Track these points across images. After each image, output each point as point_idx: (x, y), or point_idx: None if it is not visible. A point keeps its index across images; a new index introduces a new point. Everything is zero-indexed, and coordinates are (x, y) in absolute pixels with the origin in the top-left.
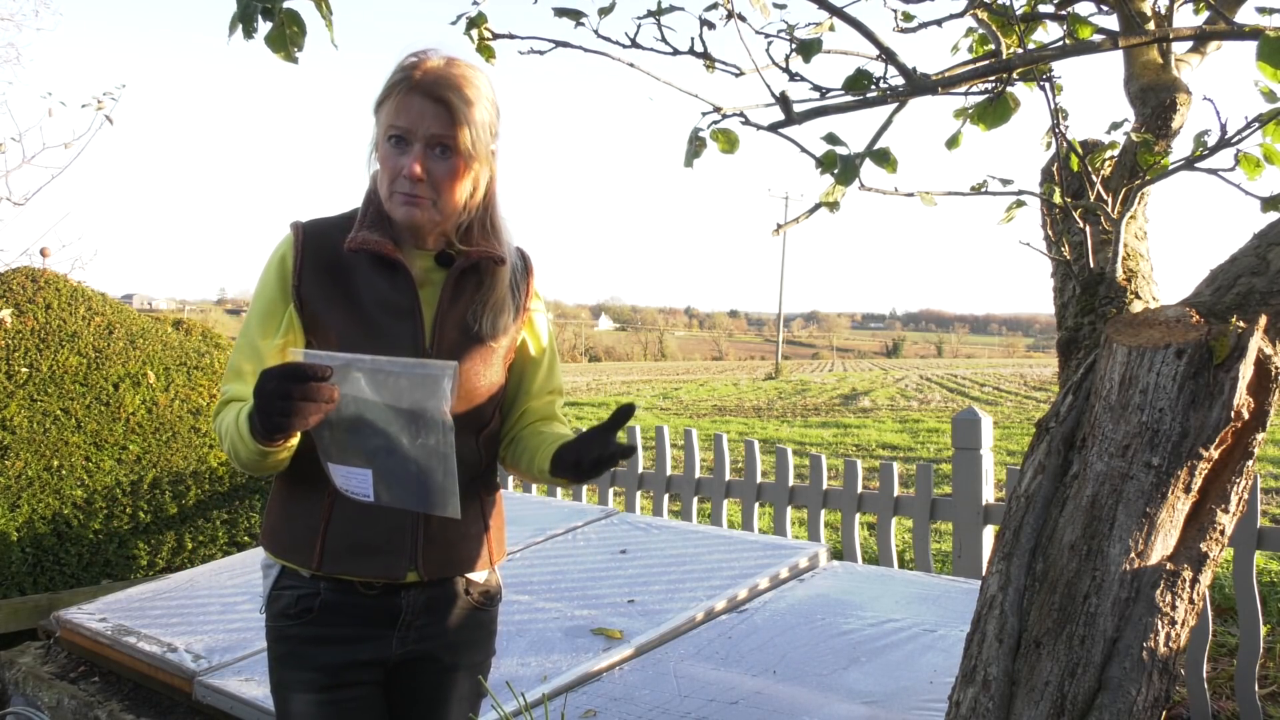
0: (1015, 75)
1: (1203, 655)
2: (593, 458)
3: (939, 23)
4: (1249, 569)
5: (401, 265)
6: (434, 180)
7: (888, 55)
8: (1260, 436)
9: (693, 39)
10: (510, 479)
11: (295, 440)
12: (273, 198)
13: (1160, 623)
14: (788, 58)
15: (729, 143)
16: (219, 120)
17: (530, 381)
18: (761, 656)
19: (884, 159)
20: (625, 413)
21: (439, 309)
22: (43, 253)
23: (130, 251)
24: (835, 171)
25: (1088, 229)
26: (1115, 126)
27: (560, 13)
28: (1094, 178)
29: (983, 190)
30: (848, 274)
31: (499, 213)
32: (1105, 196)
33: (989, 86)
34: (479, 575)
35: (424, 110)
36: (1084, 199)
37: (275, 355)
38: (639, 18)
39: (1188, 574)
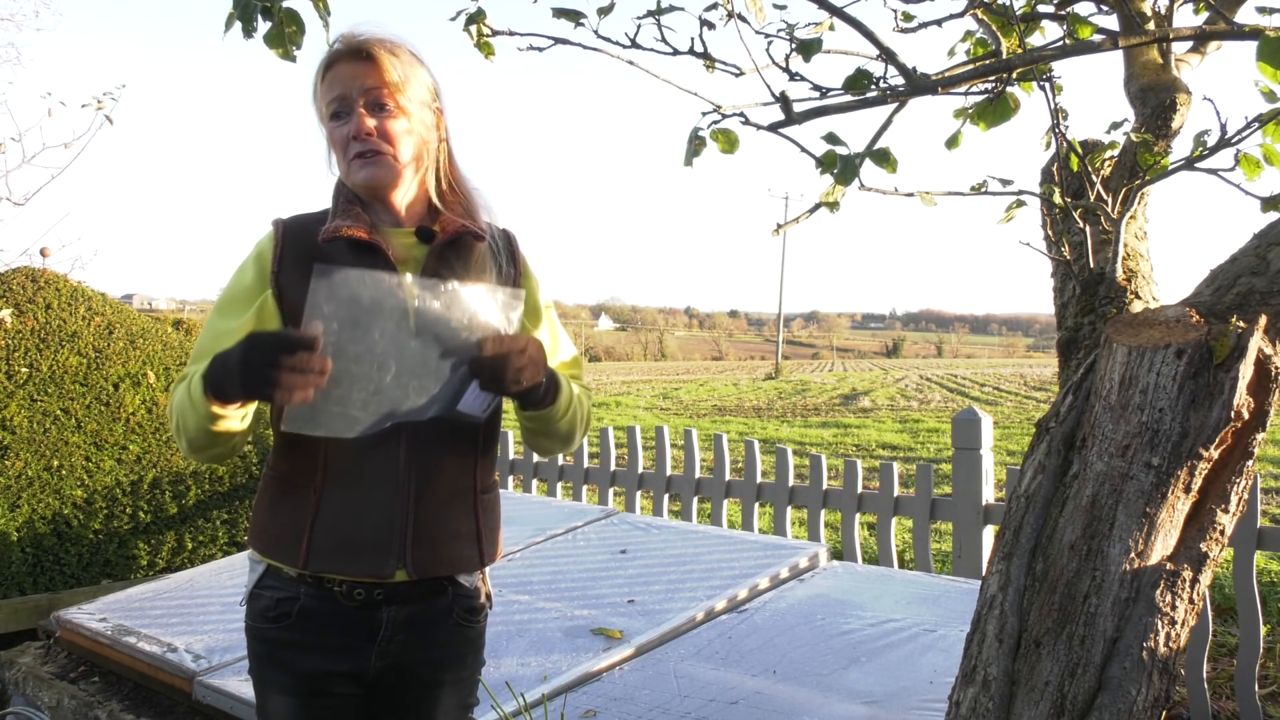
0: (1015, 75)
1: (1203, 655)
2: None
3: (939, 23)
4: (1249, 569)
5: (379, 248)
6: (384, 134)
7: (888, 55)
8: (1260, 436)
9: (692, 39)
10: (510, 479)
11: (250, 408)
12: (273, 198)
13: (1160, 623)
14: (788, 57)
15: (729, 142)
16: (219, 120)
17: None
18: (761, 656)
19: (884, 159)
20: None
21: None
22: (43, 253)
23: (130, 251)
24: (835, 171)
25: (1088, 229)
26: (1115, 126)
27: (559, 13)
28: (1094, 178)
29: (983, 190)
30: (848, 274)
31: (467, 185)
32: (1105, 196)
33: (989, 86)
34: (468, 579)
35: (353, 71)
36: (1084, 199)
37: (238, 335)
38: (639, 17)
39: (1188, 574)
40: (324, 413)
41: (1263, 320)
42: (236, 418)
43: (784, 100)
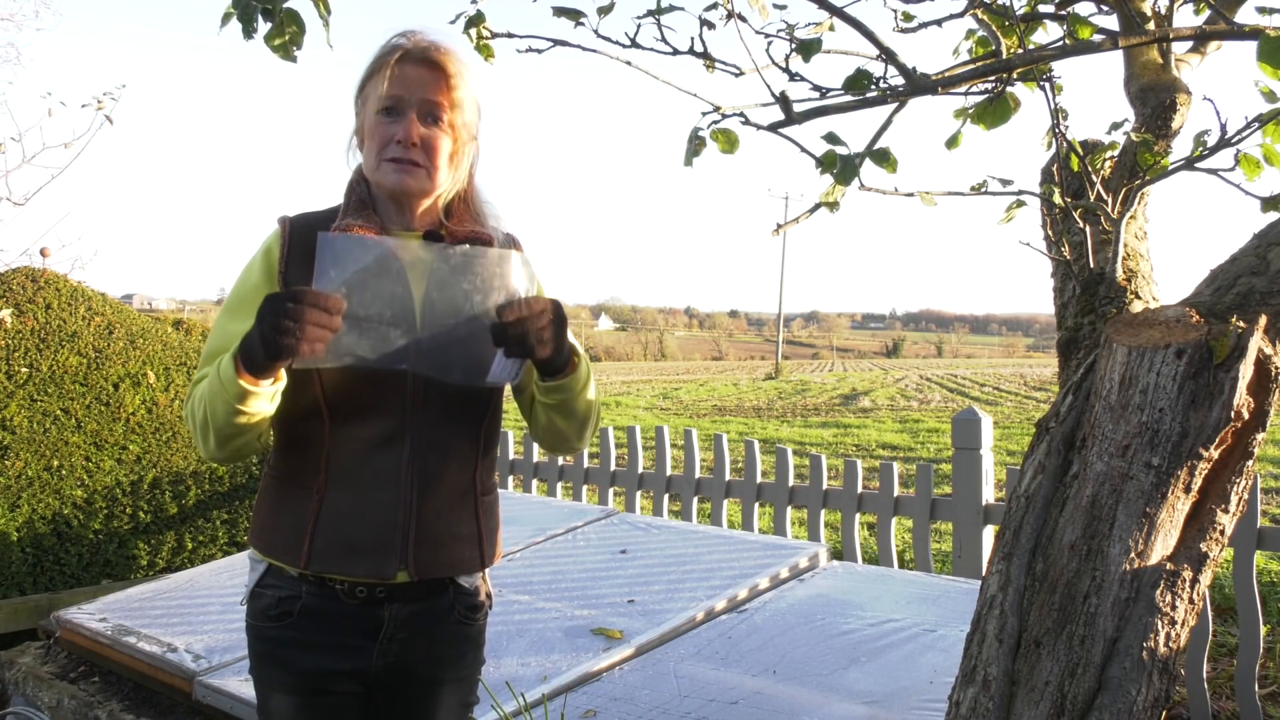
0: (1015, 75)
1: (1203, 655)
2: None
3: (939, 23)
4: (1249, 569)
5: None
6: (427, 147)
7: (888, 55)
8: (1260, 436)
9: (692, 39)
10: (510, 479)
11: (280, 385)
12: (273, 198)
13: (1160, 623)
14: (788, 58)
15: (729, 142)
16: (219, 120)
17: None
18: (761, 656)
19: (884, 159)
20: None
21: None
22: (43, 253)
23: (130, 251)
24: (835, 171)
25: (1088, 229)
26: (1115, 126)
27: (559, 12)
28: (1094, 178)
29: (983, 190)
30: (848, 274)
31: (481, 195)
32: (1105, 196)
33: (989, 86)
34: (469, 580)
35: (419, 77)
36: (1084, 199)
37: None
38: (639, 17)
39: (1188, 574)
40: (333, 353)
41: (1263, 320)
42: (266, 396)
43: (784, 100)
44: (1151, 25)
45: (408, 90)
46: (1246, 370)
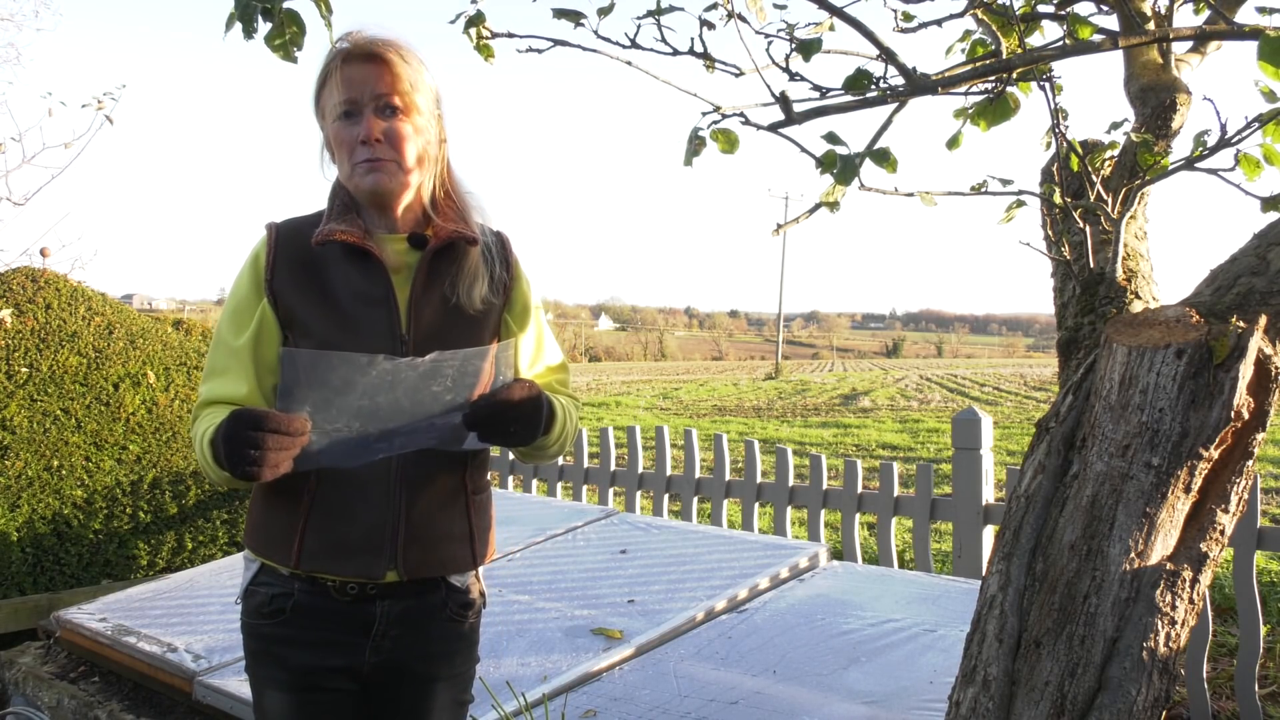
0: (1015, 75)
1: (1203, 655)
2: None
3: (939, 23)
4: (1249, 569)
5: (372, 253)
6: (391, 140)
7: (888, 55)
8: (1260, 436)
9: (692, 39)
10: (510, 479)
11: None
12: (274, 198)
13: (1160, 623)
14: (788, 57)
15: (729, 142)
16: (219, 120)
17: (519, 359)
18: (761, 656)
19: (884, 159)
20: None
21: (413, 292)
22: (43, 253)
23: (130, 251)
24: (835, 171)
25: (1088, 229)
26: (1115, 126)
27: (559, 14)
28: (1094, 178)
29: (983, 190)
30: (848, 274)
31: (462, 188)
32: (1105, 196)
33: (989, 86)
34: (460, 579)
35: (365, 74)
36: (1084, 199)
37: (248, 350)
38: (639, 18)
39: (1188, 574)
40: (302, 461)
41: (1263, 320)
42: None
43: (784, 100)
44: (1151, 25)
45: (357, 90)
46: (1246, 370)
